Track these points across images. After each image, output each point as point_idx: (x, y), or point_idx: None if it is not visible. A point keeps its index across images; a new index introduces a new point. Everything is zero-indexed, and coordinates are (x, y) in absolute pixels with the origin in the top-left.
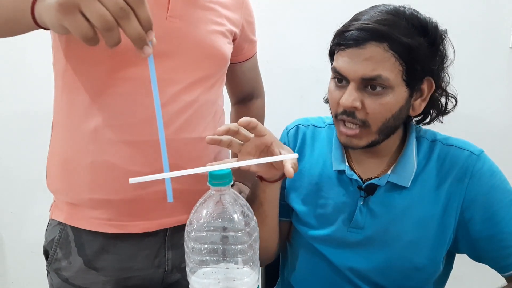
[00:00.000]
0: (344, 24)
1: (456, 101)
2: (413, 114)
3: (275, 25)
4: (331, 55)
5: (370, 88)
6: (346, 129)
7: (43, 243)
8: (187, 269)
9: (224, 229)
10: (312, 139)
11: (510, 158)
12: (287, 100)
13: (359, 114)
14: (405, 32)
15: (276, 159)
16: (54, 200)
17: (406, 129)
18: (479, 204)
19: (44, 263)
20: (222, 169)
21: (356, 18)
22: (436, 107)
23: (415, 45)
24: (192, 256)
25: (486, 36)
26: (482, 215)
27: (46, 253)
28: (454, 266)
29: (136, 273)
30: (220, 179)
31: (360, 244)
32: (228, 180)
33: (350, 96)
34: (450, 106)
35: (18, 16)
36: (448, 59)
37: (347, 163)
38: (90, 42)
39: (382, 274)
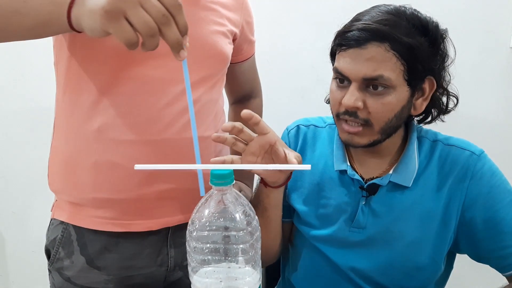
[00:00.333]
0: (345, 25)
1: (458, 100)
2: (414, 113)
3: (276, 25)
4: (333, 55)
5: (372, 88)
6: (349, 126)
7: (45, 243)
8: (189, 268)
9: (226, 228)
10: (313, 139)
11: (510, 159)
12: (288, 100)
13: (361, 114)
14: (406, 32)
15: (287, 167)
16: (56, 200)
17: (407, 128)
18: (480, 204)
19: (45, 262)
20: (225, 169)
21: (357, 19)
22: (438, 106)
23: (416, 44)
24: (194, 255)
25: (486, 36)
26: (483, 215)
27: (48, 252)
28: (454, 266)
29: (139, 271)
30: (222, 178)
31: (361, 244)
32: (230, 180)
33: (352, 96)
34: (451, 105)
35: (51, 19)
36: (449, 58)
37: (348, 163)
38: (132, 47)
39: (383, 274)
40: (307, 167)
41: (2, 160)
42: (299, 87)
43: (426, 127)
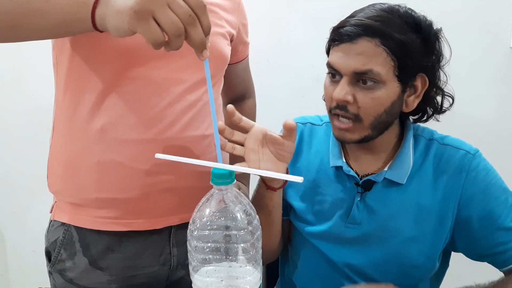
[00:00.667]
0: (340, 21)
1: (453, 100)
2: (406, 110)
3: (276, 25)
4: (328, 51)
5: (362, 82)
6: (339, 123)
7: (45, 244)
8: (190, 267)
9: (227, 227)
10: (310, 137)
11: (510, 159)
12: (288, 99)
13: (351, 108)
14: (397, 29)
15: (280, 176)
16: (55, 201)
17: (403, 127)
18: (475, 202)
19: (45, 261)
20: (225, 169)
21: (351, 15)
22: (432, 105)
23: (407, 41)
24: (195, 254)
25: (486, 36)
26: (479, 213)
27: (48, 254)
28: (451, 264)
29: (142, 271)
30: (222, 178)
31: (357, 240)
32: (230, 179)
33: (342, 90)
34: (446, 105)
35: (74, 19)
36: (444, 58)
37: (344, 160)
38: (158, 46)
39: (379, 270)
40: (299, 179)
41: (2, 160)
42: (299, 86)
43: (423, 125)
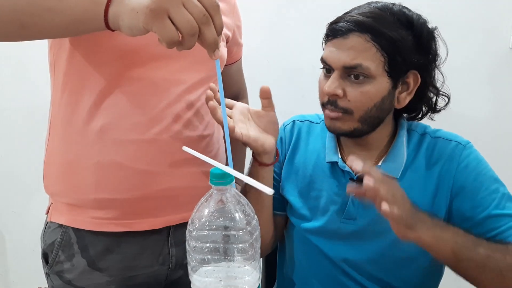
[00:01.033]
0: (336, 17)
1: (449, 99)
2: (398, 106)
3: (276, 25)
4: (324, 47)
5: (352, 77)
6: (330, 111)
7: (41, 246)
8: (189, 267)
9: (226, 228)
10: (307, 134)
11: (510, 160)
12: (288, 100)
13: (341, 102)
14: (388, 25)
15: (255, 185)
16: (51, 203)
17: (397, 124)
18: (467, 192)
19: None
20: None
21: (346, 12)
22: (426, 104)
23: (397, 37)
24: (194, 254)
25: (486, 36)
26: (471, 202)
27: (46, 256)
28: None
29: (141, 271)
30: (221, 178)
31: (353, 235)
32: (229, 179)
33: (333, 83)
34: (442, 104)
35: (86, 18)
36: (440, 57)
37: (340, 156)
38: (172, 45)
39: (375, 265)
40: (269, 191)
41: (2, 160)
42: (299, 87)
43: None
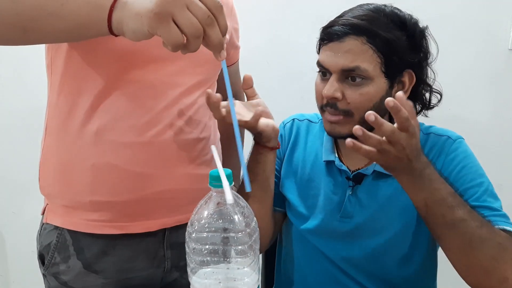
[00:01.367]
0: (330, 21)
1: (441, 96)
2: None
3: (275, 26)
4: (319, 51)
5: (350, 79)
6: (330, 116)
7: (37, 248)
8: (188, 269)
9: (225, 230)
10: (306, 133)
11: (509, 161)
12: (288, 101)
13: (341, 105)
14: (383, 27)
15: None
16: (47, 204)
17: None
18: (451, 182)
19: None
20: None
21: (340, 15)
22: (420, 101)
23: (392, 38)
24: (193, 256)
25: (485, 37)
26: None
27: (42, 257)
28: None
29: (136, 273)
30: (220, 180)
31: (350, 234)
32: (228, 181)
33: (332, 87)
34: (434, 101)
35: (89, 23)
36: (431, 55)
37: (336, 155)
38: (177, 48)
39: (373, 262)
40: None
41: (2, 160)
42: (298, 87)
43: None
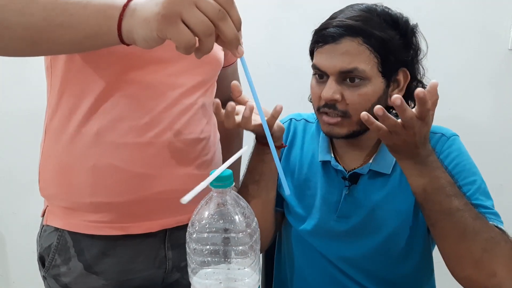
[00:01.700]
0: (322, 23)
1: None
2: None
3: (275, 27)
4: (311, 53)
5: (348, 80)
6: (328, 118)
7: (38, 250)
8: (189, 269)
9: (226, 230)
10: (303, 132)
11: (509, 161)
12: (287, 101)
13: (340, 106)
14: (377, 27)
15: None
16: (47, 205)
17: None
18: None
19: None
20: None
21: (332, 17)
22: (413, 98)
23: (387, 37)
24: (194, 257)
25: (485, 37)
26: None
27: (42, 259)
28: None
29: (137, 274)
30: (221, 181)
31: (347, 233)
32: (229, 182)
33: (330, 89)
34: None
35: (99, 33)
36: (422, 51)
37: (332, 155)
38: (189, 50)
39: (371, 261)
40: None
41: (3, 160)
42: (298, 88)
43: None
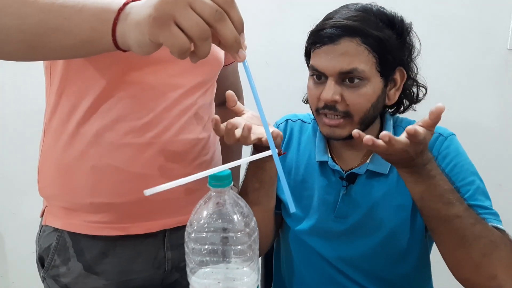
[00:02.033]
0: (318, 24)
1: (426, 90)
2: (389, 103)
3: (275, 26)
4: (307, 54)
5: (348, 81)
6: (329, 120)
7: (37, 250)
8: (187, 269)
9: (224, 230)
10: (300, 133)
11: (508, 161)
12: (287, 101)
13: (340, 106)
14: (374, 26)
15: (256, 157)
16: (46, 206)
17: (382, 121)
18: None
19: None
20: (222, 170)
21: (328, 17)
22: (409, 97)
23: (384, 37)
24: (193, 256)
25: (484, 37)
26: None
27: (41, 260)
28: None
29: (137, 275)
30: (220, 180)
31: (345, 233)
32: (228, 181)
33: (330, 90)
34: (420, 95)
35: (94, 38)
36: (416, 49)
37: (329, 155)
38: (184, 55)
39: (369, 261)
40: (269, 153)
41: (2, 160)
42: (298, 88)
43: (402, 116)
